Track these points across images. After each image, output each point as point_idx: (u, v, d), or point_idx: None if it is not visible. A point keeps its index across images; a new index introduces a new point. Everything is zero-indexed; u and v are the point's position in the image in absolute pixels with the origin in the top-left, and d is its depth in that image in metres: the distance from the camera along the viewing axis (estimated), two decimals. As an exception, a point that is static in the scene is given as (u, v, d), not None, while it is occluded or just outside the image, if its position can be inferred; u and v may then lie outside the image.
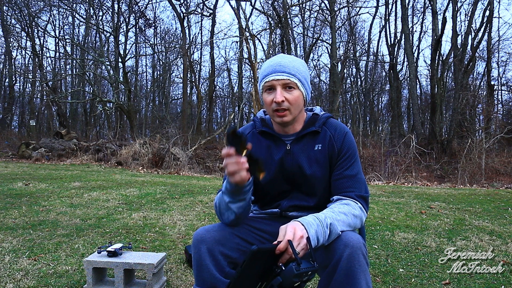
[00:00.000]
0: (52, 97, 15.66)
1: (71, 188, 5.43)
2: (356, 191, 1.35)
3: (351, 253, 1.14)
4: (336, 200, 1.35)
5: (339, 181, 1.38)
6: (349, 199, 1.33)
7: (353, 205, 1.31)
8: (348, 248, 1.15)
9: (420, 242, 3.05)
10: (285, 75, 1.33)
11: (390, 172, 9.66)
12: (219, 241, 1.26)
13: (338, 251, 1.17)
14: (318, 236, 1.15)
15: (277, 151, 1.44)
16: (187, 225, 3.52)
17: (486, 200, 5.17)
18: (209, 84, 22.03)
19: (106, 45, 20.54)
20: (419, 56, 27.52)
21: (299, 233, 1.11)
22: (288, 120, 1.37)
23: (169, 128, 12.76)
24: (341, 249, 1.16)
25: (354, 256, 1.14)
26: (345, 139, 1.41)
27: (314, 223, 1.17)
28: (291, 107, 1.35)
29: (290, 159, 1.42)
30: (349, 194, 1.34)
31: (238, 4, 17.34)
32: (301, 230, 1.13)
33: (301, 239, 1.10)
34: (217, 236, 1.26)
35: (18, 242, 2.89)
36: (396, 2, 18.65)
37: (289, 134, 1.44)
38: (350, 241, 1.17)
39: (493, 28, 17.42)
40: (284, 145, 1.44)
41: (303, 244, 1.10)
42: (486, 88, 16.38)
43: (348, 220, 1.25)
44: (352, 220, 1.27)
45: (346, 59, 19.29)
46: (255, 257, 1.03)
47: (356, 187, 1.36)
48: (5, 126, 20.25)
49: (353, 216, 1.28)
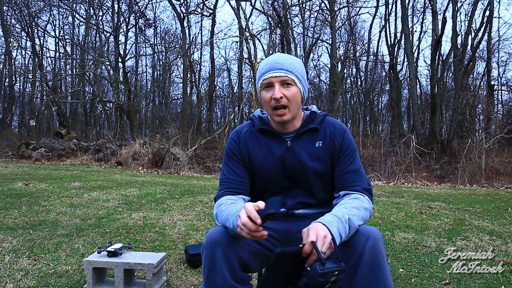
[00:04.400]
0: (52, 97, 15.66)
1: (71, 188, 5.43)
2: (361, 185, 1.39)
3: (373, 244, 1.17)
4: (344, 195, 1.37)
5: (344, 176, 1.41)
6: (357, 193, 1.36)
7: (362, 198, 1.34)
8: (369, 240, 1.18)
9: (420, 242, 3.05)
10: (283, 72, 1.35)
11: (390, 172, 9.66)
12: (233, 243, 1.25)
13: (359, 244, 1.19)
14: (340, 233, 1.16)
15: (278, 148, 1.44)
16: (187, 225, 3.52)
17: (486, 200, 5.17)
18: (209, 84, 22.03)
19: (106, 45, 20.56)
20: (419, 56, 27.55)
21: (322, 233, 1.12)
22: (287, 119, 1.38)
23: (169, 128, 12.75)
24: (363, 242, 1.18)
25: (376, 248, 1.17)
26: (345, 135, 1.44)
27: (334, 221, 1.18)
28: (289, 104, 1.36)
29: (291, 155, 1.43)
30: (355, 188, 1.38)
31: (238, 4, 17.34)
32: (323, 230, 1.13)
33: (324, 239, 1.11)
34: (231, 238, 1.25)
35: (18, 242, 2.89)
36: (396, 2, 18.67)
37: (288, 132, 1.45)
38: (370, 233, 1.20)
39: (493, 28, 17.45)
40: (284, 142, 1.45)
41: (327, 243, 1.11)
42: (486, 88, 16.37)
43: (361, 214, 1.28)
44: (364, 213, 1.30)
45: (346, 59, 19.29)
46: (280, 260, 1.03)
47: (361, 180, 1.40)
48: (5, 126, 20.25)
49: (364, 209, 1.30)
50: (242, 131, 1.51)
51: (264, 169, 1.45)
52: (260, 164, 1.45)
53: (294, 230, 1.38)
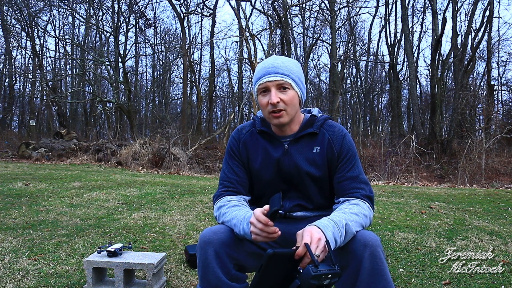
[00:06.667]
0: (52, 97, 15.67)
1: (71, 188, 5.43)
2: (361, 191, 1.35)
3: (372, 252, 1.16)
4: (344, 202, 1.35)
5: (343, 183, 1.38)
6: (357, 199, 1.33)
7: (362, 205, 1.31)
8: (368, 248, 1.16)
9: (420, 242, 3.05)
10: (279, 76, 1.33)
11: (390, 172, 9.66)
12: (226, 243, 1.25)
13: (357, 252, 1.18)
14: (335, 237, 1.15)
15: (275, 151, 1.44)
16: (187, 225, 3.52)
17: (486, 200, 5.17)
18: (209, 84, 22.02)
19: (106, 45, 20.56)
20: (419, 56, 27.50)
21: (316, 235, 1.11)
22: (284, 122, 1.37)
23: (169, 128, 12.74)
24: (361, 249, 1.17)
25: (376, 255, 1.16)
26: (344, 141, 1.41)
27: (330, 225, 1.17)
28: (287, 108, 1.35)
29: (288, 159, 1.42)
30: (355, 195, 1.35)
31: (238, 4, 17.34)
32: (318, 232, 1.12)
33: (319, 242, 1.10)
34: (224, 238, 1.26)
35: (18, 242, 2.89)
36: (396, 2, 18.67)
37: (286, 135, 1.44)
38: (368, 240, 1.18)
39: (493, 28, 17.42)
40: (281, 146, 1.44)
41: (321, 246, 1.09)
42: (486, 88, 16.37)
43: (360, 220, 1.26)
44: (363, 219, 1.28)
45: (346, 59, 19.29)
46: (272, 261, 1.02)
47: (361, 187, 1.36)
48: (5, 126, 20.24)
49: (363, 216, 1.28)
50: (243, 131, 1.51)
51: (261, 172, 1.45)
52: (257, 167, 1.45)
53: (291, 232, 1.38)
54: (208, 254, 1.22)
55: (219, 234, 1.26)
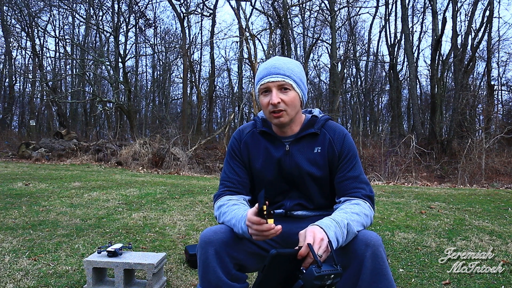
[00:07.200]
0: (52, 97, 15.67)
1: (71, 188, 5.43)
2: (362, 191, 1.37)
3: (374, 251, 1.16)
4: (345, 201, 1.36)
5: (344, 183, 1.39)
6: (358, 199, 1.34)
7: (363, 205, 1.32)
8: (369, 247, 1.17)
9: (420, 242, 3.05)
10: (280, 76, 1.34)
11: (390, 172, 9.66)
12: (227, 243, 1.25)
13: (359, 251, 1.18)
14: (337, 237, 1.16)
15: (276, 152, 1.44)
16: (187, 225, 3.52)
17: (486, 200, 5.17)
18: (209, 84, 22.02)
19: (106, 45, 20.56)
20: (419, 56, 27.50)
21: (319, 235, 1.11)
22: (285, 121, 1.37)
23: (169, 128, 12.75)
24: (363, 249, 1.17)
25: (377, 254, 1.16)
26: (345, 141, 1.42)
27: (332, 225, 1.17)
28: (287, 108, 1.35)
29: (289, 159, 1.43)
30: (356, 195, 1.36)
31: (238, 4, 17.34)
32: (320, 232, 1.12)
33: (321, 242, 1.10)
34: (225, 238, 1.26)
35: (18, 242, 2.89)
36: (396, 2, 18.67)
37: (287, 136, 1.45)
38: (370, 240, 1.19)
39: (493, 28, 17.42)
40: (283, 146, 1.44)
41: (324, 246, 1.10)
42: (486, 88, 16.37)
43: (361, 220, 1.27)
44: (364, 219, 1.29)
45: (346, 59, 19.29)
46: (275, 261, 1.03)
47: (361, 187, 1.38)
48: (5, 126, 20.24)
49: (364, 216, 1.29)
50: (244, 132, 1.52)
51: (262, 172, 1.46)
52: (259, 167, 1.46)
53: (292, 231, 1.38)
54: (209, 254, 1.22)
55: (220, 234, 1.26)
